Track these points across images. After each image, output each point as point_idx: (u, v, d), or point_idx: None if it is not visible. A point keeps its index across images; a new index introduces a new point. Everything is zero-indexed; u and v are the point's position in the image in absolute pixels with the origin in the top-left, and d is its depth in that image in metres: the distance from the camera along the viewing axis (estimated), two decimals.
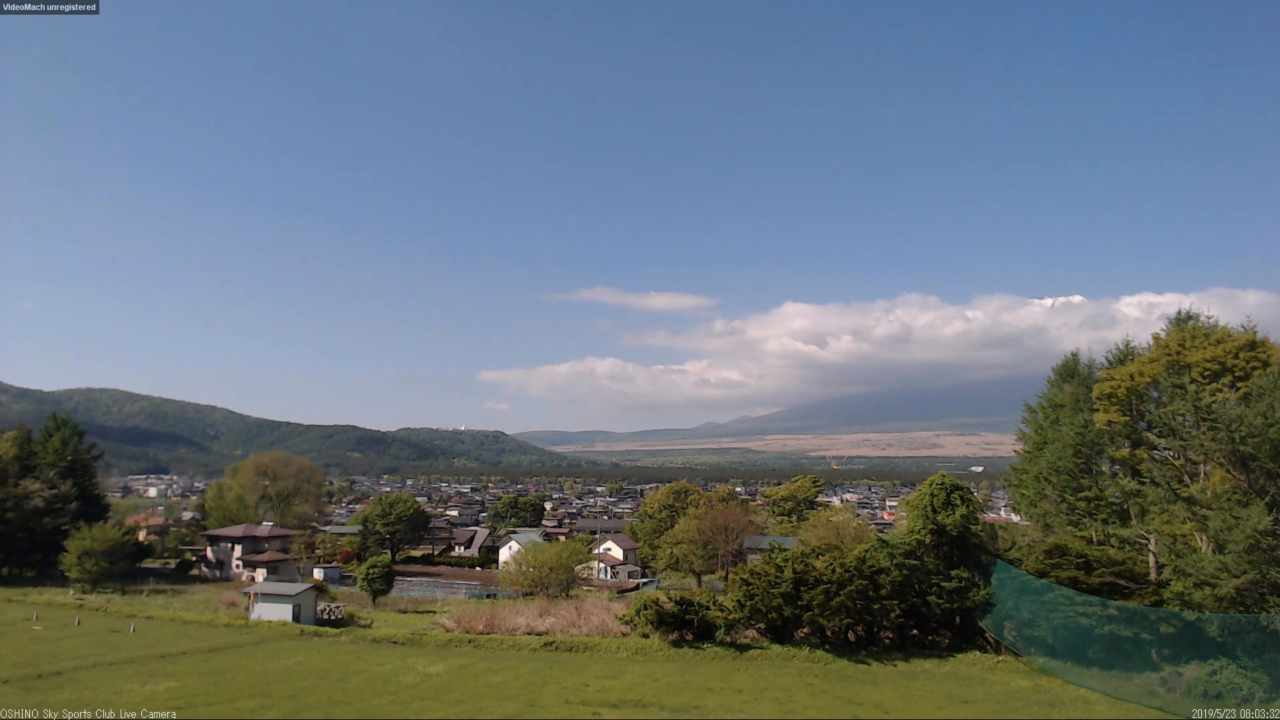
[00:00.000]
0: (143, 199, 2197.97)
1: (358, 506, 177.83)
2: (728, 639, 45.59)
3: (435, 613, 60.44)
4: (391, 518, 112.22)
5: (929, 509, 45.89)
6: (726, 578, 78.53)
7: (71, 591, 65.73)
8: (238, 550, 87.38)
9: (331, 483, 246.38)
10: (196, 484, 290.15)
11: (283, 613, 53.88)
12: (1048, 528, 51.10)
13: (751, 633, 46.39)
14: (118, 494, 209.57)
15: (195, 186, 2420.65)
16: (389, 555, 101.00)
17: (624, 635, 47.53)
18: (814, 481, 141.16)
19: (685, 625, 45.86)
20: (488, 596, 73.77)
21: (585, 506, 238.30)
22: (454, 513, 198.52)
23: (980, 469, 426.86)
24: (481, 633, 49.35)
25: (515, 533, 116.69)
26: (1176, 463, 43.42)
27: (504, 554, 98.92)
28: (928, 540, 45.57)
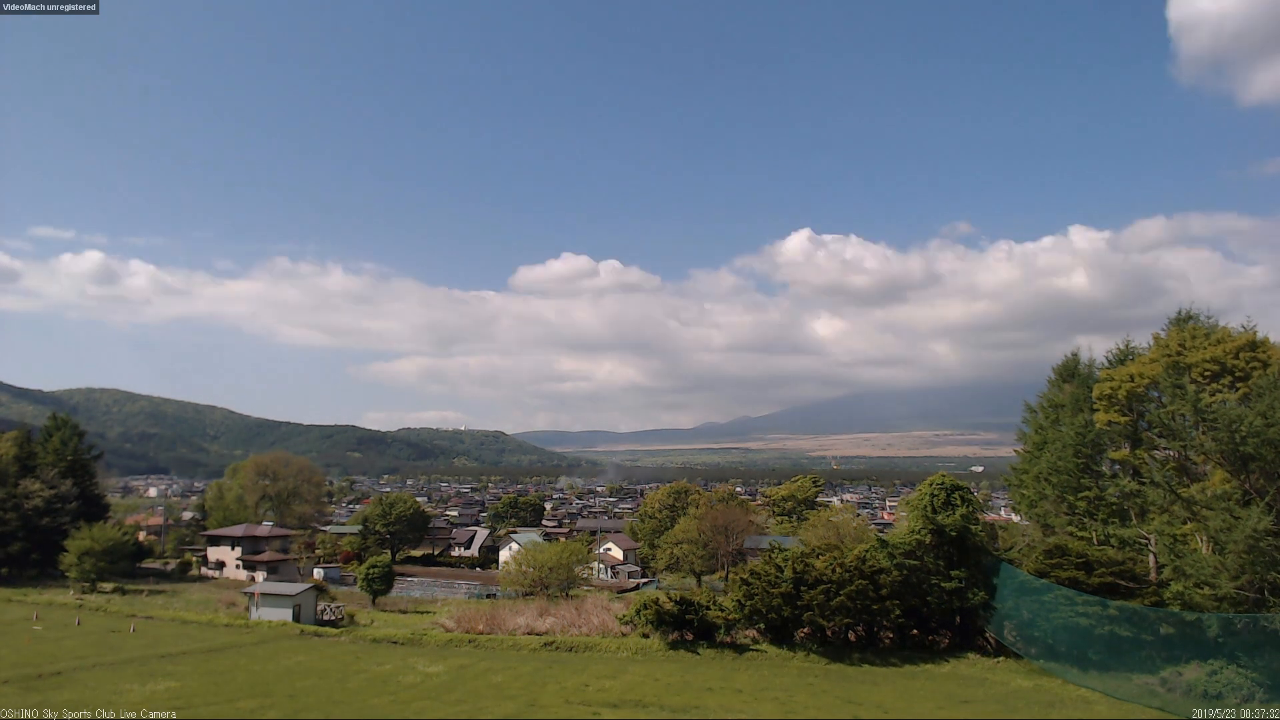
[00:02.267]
0: (142, 197, 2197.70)
1: (358, 506, 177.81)
2: (728, 639, 45.58)
3: (435, 613, 60.47)
4: (391, 518, 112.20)
5: (929, 509, 45.87)
6: (726, 578, 78.55)
7: (71, 591, 65.74)
8: (238, 550, 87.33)
9: (331, 483, 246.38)
10: (196, 484, 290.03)
11: (283, 613, 53.87)
12: (1048, 528, 51.07)
13: (751, 633, 46.38)
14: (118, 494, 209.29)
15: (194, 184, 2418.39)
16: (389, 555, 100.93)
17: (624, 635, 47.52)
18: (814, 481, 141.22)
19: (685, 625, 45.84)
20: (488, 596, 73.81)
21: (585, 506, 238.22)
22: (454, 513, 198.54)
23: (980, 469, 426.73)
24: (481, 633, 49.35)
25: (515, 533, 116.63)
26: (1176, 463, 43.42)
27: (504, 554, 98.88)
28: (928, 540, 45.54)
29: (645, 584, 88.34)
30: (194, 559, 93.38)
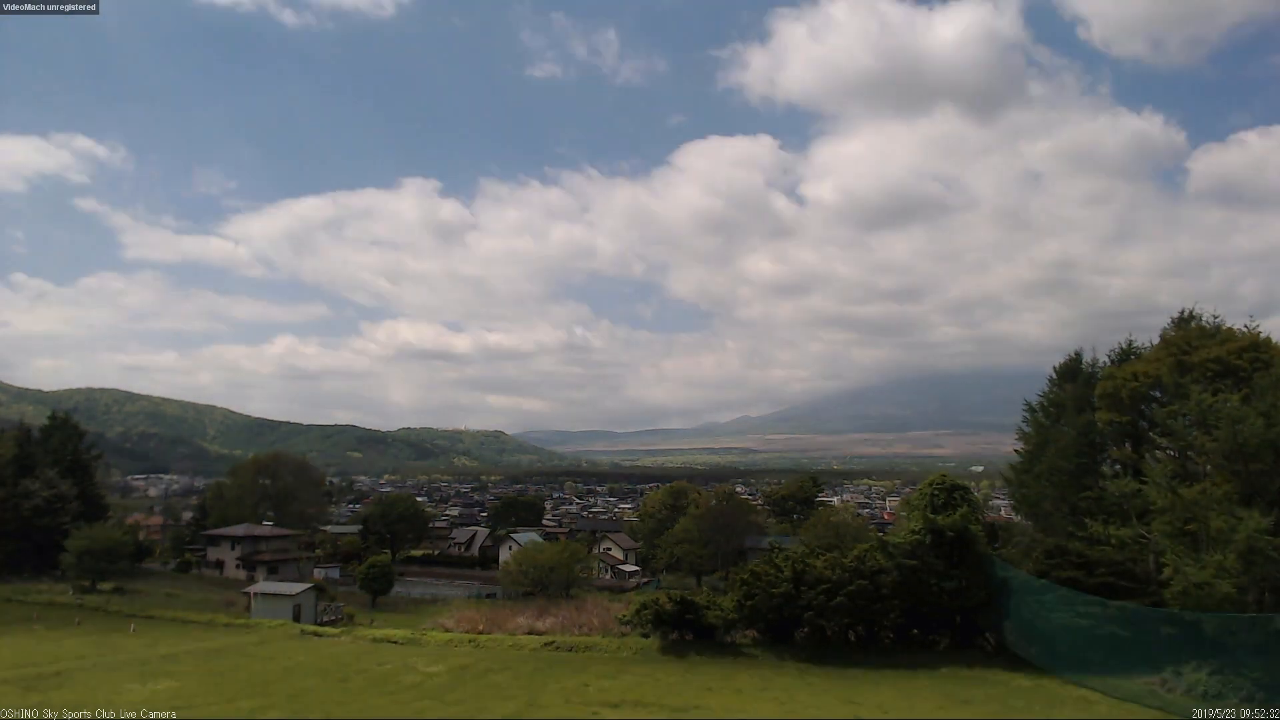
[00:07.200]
0: (141, 195, 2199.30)
1: (358, 506, 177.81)
2: (727, 639, 45.61)
3: (435, 613, 60.48)
4: (391, 517, 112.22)
5: (929, 509, 45.88)
6: (726, 578, 78.51)
7: (71, 591, 65.71)
8: (237, 550, 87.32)
9: (331, 483, 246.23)
10: (196, 484, 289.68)
11: (283, 613, 53.93)
12: (1048, 528, 51.06)
13: (751, 633, 46.39)
14: (117, 494, 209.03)
15: (192, 184, 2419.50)
16: (389, 555, 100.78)
17: (624, 635, 47.54)
18: (814, 481, 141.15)
19: (685, 625, 45.86)
20: (488, 596, 73.96)
21: (585, 506, 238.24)
22: (454, 512, 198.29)
23: (980, 469, 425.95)
24: (481, 633, 49.40)
25: (515, 533, 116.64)
26: (1177, 463, 43.40)
27: (504, 554, 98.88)
28: (927, 540, 45.49)
29: (645, 584, 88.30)
30: (194, 559, 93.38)
